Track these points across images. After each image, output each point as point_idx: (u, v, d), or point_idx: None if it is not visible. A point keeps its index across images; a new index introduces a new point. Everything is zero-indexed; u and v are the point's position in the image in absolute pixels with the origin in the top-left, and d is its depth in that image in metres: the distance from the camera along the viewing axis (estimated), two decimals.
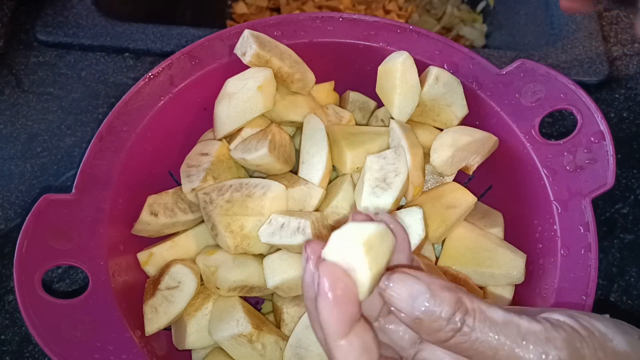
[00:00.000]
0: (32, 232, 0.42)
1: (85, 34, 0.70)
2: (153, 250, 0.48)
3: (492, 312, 0.25)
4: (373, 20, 0.52)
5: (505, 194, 0.51)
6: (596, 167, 0.44)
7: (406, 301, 0.25)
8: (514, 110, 0.48)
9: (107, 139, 0.46)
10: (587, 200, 0.43)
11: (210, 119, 0.50)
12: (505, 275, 0.46)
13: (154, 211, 0.48)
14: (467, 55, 0.50)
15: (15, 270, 0.40)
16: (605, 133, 0.44)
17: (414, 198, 0.47)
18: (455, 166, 0.48)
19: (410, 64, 0.48)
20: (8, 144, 0.64)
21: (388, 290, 0.26)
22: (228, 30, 0.51)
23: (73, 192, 0.44)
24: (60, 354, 0.39)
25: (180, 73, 0.50)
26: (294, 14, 0.53)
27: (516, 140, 0.48)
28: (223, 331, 0.44)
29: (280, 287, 0.44)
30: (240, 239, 0.46)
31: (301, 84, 0.51)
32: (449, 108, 0.50)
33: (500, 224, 0.50)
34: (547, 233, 0.45)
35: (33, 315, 0.39)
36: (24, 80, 0.68)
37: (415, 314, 0.25)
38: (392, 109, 0.49)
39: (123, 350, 0.41)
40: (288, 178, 0.49)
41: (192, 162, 0.49)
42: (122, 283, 0.44)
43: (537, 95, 0.47)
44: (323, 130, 0.48)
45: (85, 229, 0.44)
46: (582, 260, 0.42)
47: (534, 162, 0.46)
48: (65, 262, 0.42)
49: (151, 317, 0.45)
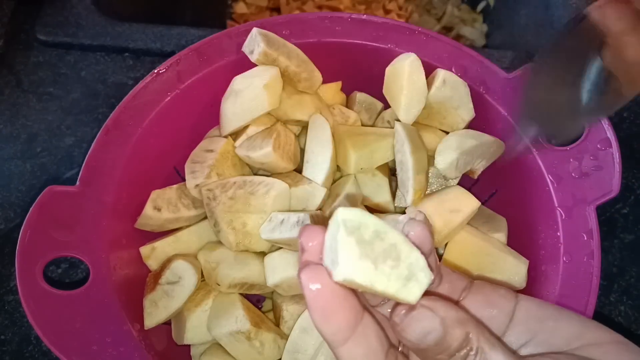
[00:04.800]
0: (35, 222, 0.42)
1: (85, 34, 0.70)
2: (155, 245, 0.48)
3: (494, 354, 0.25)
4: (382, 22, 0.52)
5: (509, 199, 0.51)
6: (602, 175, 0.44)
7: (418, 336, 0.25)
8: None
9: (113, 132, 0.47)
10: (591, 208, 0.43)
11: (216, 116, 0.50)
12: (507, 280, 0.46)
13: (158, 206, 0.48)
14: (476, 58, 0.50)
15: (17, 260, 0.41)
16: (612, 140, 0.44)
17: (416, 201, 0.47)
18: (460, 170, 0.48)
19: (417, 66, 0.48)
20: (8, 144, 0.64)
21: (402, 325, 0.25)
22: (236, 28, 0.51)
23: (77, 184, 0.44)
24: (58, 344, 0.39)
25: (187, 69, 0.50)
26: (303, 14, 0.53)
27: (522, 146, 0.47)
28: (222, 327, 0.44)
29: (281, 285, 0.44)
30: (242, 236, 0.46)
31: (308, 84, 0.51)
32: (455, 111, 0.49)
33: (504, 229, 0.50)
34: (550, 239, 0.45)
35: (33, 305, 0.40)
36: (23, 80, 0.68)
37: (422, 346, 0.25)
38: (399, 110, 0.49)
39: (121, 342, 0.41)
40: (292, 177, 0.49)
41: (197, 158, 0.49)
42: (123, 276, 0.44)
43: None
44: (328, 130, 0.48)
45: (88, 221, 0.44)
46: (584, 268, 0.42)
47: (540, 168, 0.46)
48: (67, 254, 0.42)
49: (151, 311, 0.45)
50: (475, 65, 0.50)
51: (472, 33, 0.99)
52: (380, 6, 1.06)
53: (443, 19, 1.03)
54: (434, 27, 1.02)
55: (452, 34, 1.01)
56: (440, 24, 1.03)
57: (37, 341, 0.54)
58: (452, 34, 1.01)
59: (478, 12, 1.03)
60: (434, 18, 1.04)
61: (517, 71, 0.48)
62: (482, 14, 1.03)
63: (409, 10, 1.05)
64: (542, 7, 0.79)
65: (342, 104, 0.56)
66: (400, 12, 1.05)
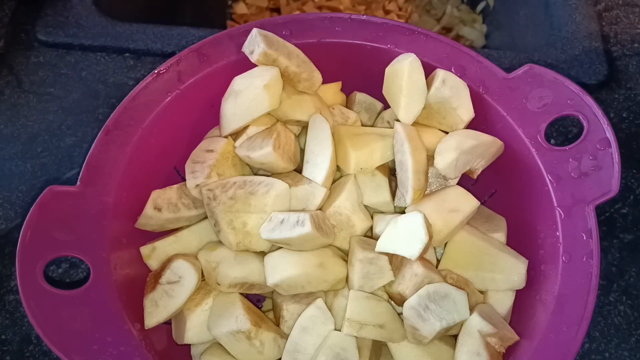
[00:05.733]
0: (35, 222, 0.42)
1: (85, 34, 0.71)
2: (156, 245, 0.48)
3: None
4: (382, 22, 0.52)
5: (508, 199, 0.51)
6: (601, 174, 0.44)
7: None
8: (520, 115, 0.48)
9: (114, 133, 0.47)
10: (590, 207, 0.43)
11: (216, 116, 0.51)
12: (507, 280, 0.46)
13: (158, 206, 0.48)
14: (475, 58, 0.50)
15: (17, 259, 0.41)
16: (612, 140, 0.44)
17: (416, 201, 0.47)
18: (459, 170, 0.48)
19: (417, 66, 0.48)
20: (8, 144, 0.64)
21: None
22: (237, 29, 0.51)
23: (78, 184, 0.44)
24: (59, 344, 0.39)
25: (188, 70, 0.50)
26: (303, 14, 0.53)
27: (521, 146, 0.47)
28: (222, 327, 0.44)
29: (281, 285, 0.45)
30: (242, 236, 0.46)
31: (308, 84, 0.51)
32: (455, 111, 0.50)
33: (503, 229, 0.50)
34: (549, 239, 0.45)
35: (34, 305, 0.40)
36: (24, 81, 0.68)
37: None
38: (398, 110, 0.49)
39: (121, 342, 0.41)
40: (292, 177, 0.49)
41: (197, 159, 0.49)
42: (124, 276, 0.45)
43: (544, 101, 0.47)
44: (328, 130, 0.48)
45: (88, 221, 0.44)
46: (583, 267, 0.42)
47: (539, 168, 0.46)
48: (68, 254, 0.43)
49: (151, 311, 0.45)
50: (475, 66, 0.50)
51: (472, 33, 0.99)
52: (380, 6, 1.06)
53: (443, 20, 1.03)
54: (434, 27, 1.03)
55: (452, 34, 1.02)
56: (440, 25, 1.03)
57: (37, 341, 0.54)
58: (451, 34, 1.02)
59: (478, 12, 1.04)
60: (433, 18, 1.04)
61: (516, 71, 0.48)
62: (481, 14, 1.03)
63: (409, 10, 1.06)
64: (541, 8, 0.79)
65: (342, 104, 0.56)
66: (400, 12, 1.06)
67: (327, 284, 0.45)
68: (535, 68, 0.48)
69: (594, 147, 0.45)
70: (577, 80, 0.65)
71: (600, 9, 0.74)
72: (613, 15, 0.74)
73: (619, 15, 0.74)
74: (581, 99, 0.46)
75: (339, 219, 0.47)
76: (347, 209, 0.47)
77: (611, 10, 0.74)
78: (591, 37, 0.71)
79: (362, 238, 0.48)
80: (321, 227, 0.44)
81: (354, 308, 0.44)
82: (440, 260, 0.48)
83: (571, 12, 0.73)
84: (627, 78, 0.68)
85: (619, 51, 0.71)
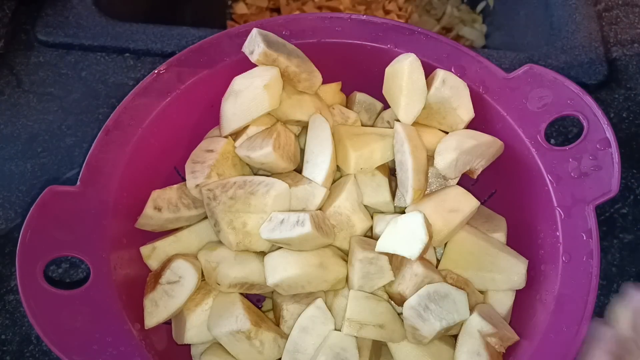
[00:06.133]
0: (35, 222, 0.42)
1: (85, 34, 0.71)
2: (156, 245, 0.48)
3: None
4: (382, 22, 0.52)
5: (509, 199, 0.51)
6: (601, 174, 0.44)
7: None
8: (520, 115, 0.48)
9: (114, 133, 0.47)
10: (590, 207, 0.43)
11: (216, 116, 0.51)
12: (507, 280, 0.46)
13: (158, 206, 0.48)
14: (475, 58, 0.50)
15: (17, 259, 0.41)
16: (611, 140, 0.44)
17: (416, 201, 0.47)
18: (459, 170, 0.48)
19: (417, 66, 0.48)
20: (8, 144, 0.64)
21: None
22: (237, 29, 0.51)
23: (78, 184, 0.44)
24: (59, 344, 0.39)
25: (187, 70, 0.50)
26: (303, 14, 0.53)
27: (521, 146, 0.47)
28: (222, 327, 0.44)
29: (281, 285, 0.45)
30: (242, 236, 0.46)
31: (308, 84, 0.51)
32: (455, 111, 0.50)
33: (503, 229, 0.50)
34: (549, 239, 0.45)
35: (34, 304, 0.40)
36: (24, 81, 0.68)
37: None
38: (398, 110, 0.49)
39: (121, 342, 0.41)
40: (292, 177, 0.49)
41: (197, 159, 0.49)
42: (124, 276, 0.45)
43: (544, 101, 0.47)
44: (328, 130, 0.48)
45: (88, 221, 0.44)
46: (583, 267, 0.42)
47: (539, 168, 0.46)
48: (68, 254, 0.43)
49: (151, 311, 0.45)
50: (475, 66, 0.50)
51: (472, 33, 0.99)
52: (380, 6, 1.06)
53: (443, 20, 1.03)
54: (434, 27, 1.03)
55: (452, 34, 1.02)
56: (440, 25, 1.03)
57: (37, 341, 0.54)
58: (451, 34, 1.02)
59: (478, 12, 1.04)
60: (433, 18, 1.04)
61: (516, 71, 0.48)
62: (481, 14, 1.03)
63: (409, 10, 1.06)
64: (541, 8, 0.79)
65: (342, 104, 0.56)
66: (400, 12, 1.06)
67: (327, 284, 0.45)
68: (535, 68, 0.48)
69: (594, 147, 0.45)
70: (577, 80, 0.65)
71: (600, 9, 0.74)
72: (613, 15, 0.74)
73: (619, 15, 0.74)
74: (581, 99, 0.46)
75: (339, 219, 0.47)
76: (347, 209, 0.47)
77: (611, 10, 0.74)
78: (591, 37, 0.71)
79: (362, 238, 0.48)
80: (321, 227, 0.44)
81: (354, 308, 0.44)
82: (440, 260, 0.48)
83: (571, 12, 0.73)
84: (627, 78, 0.68)
85: (619, 51, 0.71)
